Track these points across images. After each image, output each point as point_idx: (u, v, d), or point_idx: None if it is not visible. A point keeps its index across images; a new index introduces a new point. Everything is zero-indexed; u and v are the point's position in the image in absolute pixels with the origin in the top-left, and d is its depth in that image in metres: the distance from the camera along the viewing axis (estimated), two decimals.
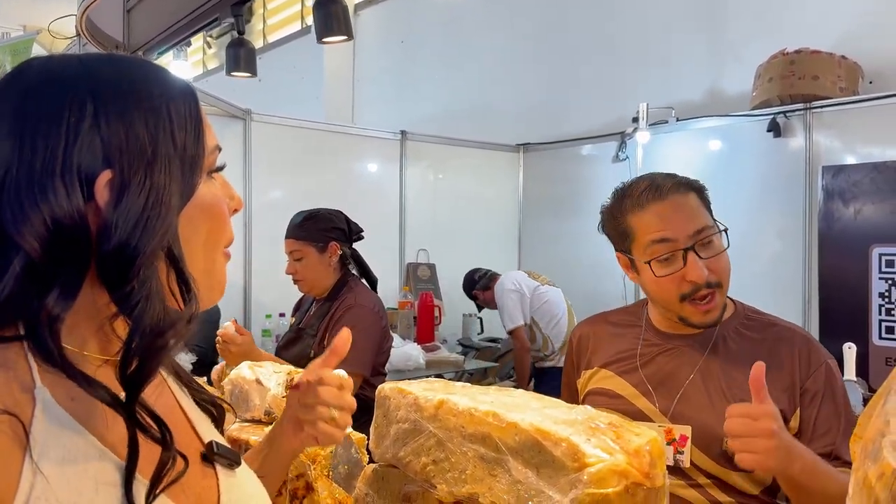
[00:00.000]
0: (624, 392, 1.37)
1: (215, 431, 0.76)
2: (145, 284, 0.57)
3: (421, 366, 3.69)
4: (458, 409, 0.87)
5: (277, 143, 4.05)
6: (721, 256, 1.28)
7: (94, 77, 0.61)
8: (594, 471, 0.71)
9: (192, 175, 0.64)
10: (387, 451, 0.98)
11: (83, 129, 0.58)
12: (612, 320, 1.51)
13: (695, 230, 1.27)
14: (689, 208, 1.30)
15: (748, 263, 3.48)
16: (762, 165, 3.64)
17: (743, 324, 1.36)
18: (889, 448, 0.48)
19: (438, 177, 4.94)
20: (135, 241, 0.57)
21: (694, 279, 1.26)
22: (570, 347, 1.55)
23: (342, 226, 2.46)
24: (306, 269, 2.38)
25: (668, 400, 1.32)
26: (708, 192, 1.37)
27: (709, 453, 1.26)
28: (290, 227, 2.44)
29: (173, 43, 1.85)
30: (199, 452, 0.69)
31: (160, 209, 0.59)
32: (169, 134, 0.62)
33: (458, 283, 4.66)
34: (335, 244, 2.40)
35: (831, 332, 3.23)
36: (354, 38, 6.78)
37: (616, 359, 1.42)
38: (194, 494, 0.65)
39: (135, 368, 0.57)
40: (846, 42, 3.51)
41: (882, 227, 3.14)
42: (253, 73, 2.99)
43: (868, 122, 3.28)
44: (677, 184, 1.33)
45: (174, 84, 0.66)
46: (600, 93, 4.75)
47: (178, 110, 0.64)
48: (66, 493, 0.53)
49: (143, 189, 0.58)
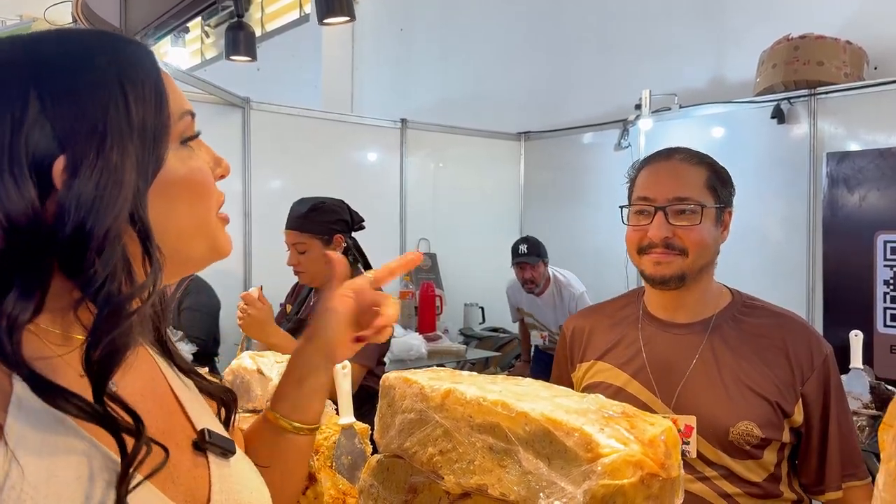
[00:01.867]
0: (624, 383, 1.35)
1: (214, 420, 0.73)
2: (107, 268, 0.54)
3: (423, 355, 3.68)
4: (465, 398, 0.84)
5: (276, 131, 4.02)
6: (694, 228, 1.28)
7: (35, 59, 0.57)
8: (608, 461, 0.68)
9: (156, 147, 0.60)
10: (392, 441, 0.95)
11: (28, 117, 0.54)
12: (607, 311, 1.49)
13: (675, 196, 1.29)
14: (681, 176, 1.31)
15: (752, 250, 3.46)
16: (766, 152, 3.61)
17: (741, 311, 1.35)
18: None
19: (439, 165, 4.91)
20: (89, 225, 0.54)
21: (651, 236, 1.29)
22: (563, 340, 1.52)
23: (346, 217, 2.41)
24: (310, 262, 2.32)
25: (671, 390, 1.30)
26: (726, 175, 1.36)
27: (714, 442, 1.24)
28: (292, 218, 2.36)
29: (171, 27, 1.82)
30: (190, 441, 0.67)
31: (115, 189, 0.56)
32: (122, 107, 0.58)
33: (459, 273, 4.64)
34: (340, 236, 2.35)
35: (835, 319, 3.21)
36: (354, 26, 6.76)
37: (613, 350, 1.40)
38: (184, 484, 0.63)
39: (102, 351, 0.54)
40: (851, 27, 3.48)
41: (887, 213, 3.11)
42: (253, 56, 2.94)
43: (873, 108, 3.25)
44: (687, 154, 1.35)
45: (128, 52, 0.61)
46: (602, 80, 4.71)
47: (131, 80, 0.59)
48: (44, 483, 0.51)
49: (95, 169, 0.55)
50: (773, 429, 1.23)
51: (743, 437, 1.22)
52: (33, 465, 0.51)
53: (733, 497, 1.23)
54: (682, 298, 1.35)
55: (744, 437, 1.22)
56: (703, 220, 1.29)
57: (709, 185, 1.31)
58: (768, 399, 1.24)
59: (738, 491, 1.23)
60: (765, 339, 1.29)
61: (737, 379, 1.26)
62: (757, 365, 1.27)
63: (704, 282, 1.35)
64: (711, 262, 1.34)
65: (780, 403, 1.24)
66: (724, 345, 1.30)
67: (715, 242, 1.32)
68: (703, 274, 1.33)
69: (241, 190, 3.84)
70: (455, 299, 4.69)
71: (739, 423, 1.22)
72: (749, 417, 1.22)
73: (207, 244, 0.67)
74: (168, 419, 0.65)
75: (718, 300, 1.36)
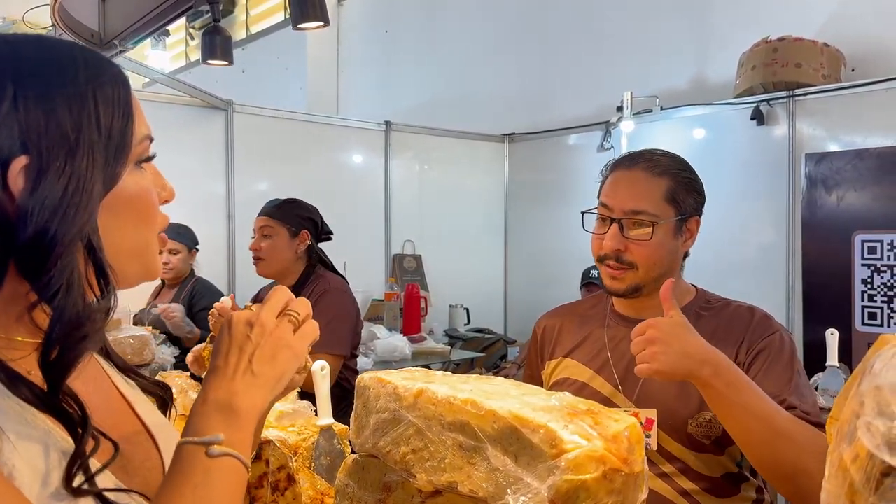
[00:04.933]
0: (588, 379, 1.38)
1: (158, 414, 0.75)
2: (64, 274, 0.56)
3: (407, 356, 3.68)
4: (437, 397, 0.86)
5: (260, 134, 4.02)
6: (646, 243, 1.30)
7: (17, 59, 0.59)
8: (572, 457, 0.70)
9: (116, 163, 0.62)
10: (367, 441, 0.97)
11: (0, 112, 0.56)
12: (577, 310, 1.53)
13: (631, 209, 1.31)
14: (641, 189, 1.32)
15: (732, 250, 3.50)
16: (746, 153, 3.65)
17: (702, 307, 1.37)
18: (863, 429, 0.48)
19: (424, 167, 4.92)
20: (53, 230, 0.55)
21: (604, 247, 1.33)
22: (534, 339, 1.55)
23: (316, 219, 2.48)
24: (271, 249, 2.37)
25: (632, 384, 1.32)
26: (693, 183, 1.36)
27: (674, 436, 1.27)
28: (266, 206, 2.45)
29: (150, 31, 1.82)
30: (139, 434, 0.69)
31: (81, 197, 0.57)
32: (94, 120, 0.60)
33: (444, 274, 4.65)
34: (306, 232, 2.42)
35: (815, 318, 3.25)
36: (339, 28, 6.77)
37: (580, 347, 1.43)
38: (139, 476, 0.65)
39: (56, 358, 0.55)
40: (828, 29, 3.52)
41: (864, 213, 3.15)
42: (229, 61, 2.95)
43: (850, 110, 3.29)
44: (651, 163, 1.35)
45: (103, 69, 0.64)
46: (585, 81, 4.74)
47: (105, 96, 0.62)
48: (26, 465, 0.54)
49: (63, 176, 0.57)
50: None
51: (702, 430, 1.24)
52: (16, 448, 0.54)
53: (691, 494, 1.25)
54: (645, 301, 1.37)
55: (703, 428, 1.24)
56: (657, 234, 1.30)
57: (668, 197, 1.32)
58: None
59: (696, 488, 1.25)
60: (721, 332, 1.31)
61: None
62: None
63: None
64: (671, 269, 1.36)
65: None
66: None
67: (671, 253, 1.34)
68: (664, 280, 1.33)
69: (225, 192, 3.84)
70: (440, 300, 4.70)
71: (698, 415, 1.25)
72: (707, 408, 1.23)
73: (142, 266, 0.68)
74: (116, 415, 0.67)
75: (683, 298, 1.38)
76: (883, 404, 0.46)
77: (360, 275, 4.29)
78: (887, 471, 0.45)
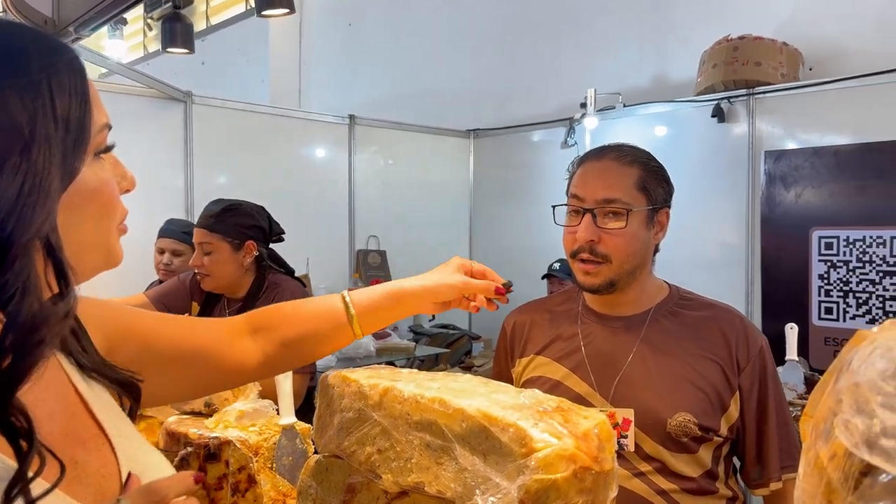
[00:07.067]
0: (562, 378, 1.35)
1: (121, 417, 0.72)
2: (21, 277, 0.52)
3: (371, 353, 3.65)
4: (403, 396, 0.84)
5: (220, 126, 3.94)
6: (618, 233, 1.29)
7: None
8: (542, 456, 0.69)
9: (75, 156, 0.58)
10: (330, 441, 0.94)
11: None
12: (548, 306, 1.49)
13: (604, 198, 1.29)
14: (611, 177, 1.31)
15: (694, 245, 3.54)
16: (707, 150, 3.70)
17: (678, 304, 1.37)
18: (841, 427, 0.47)
19: (388, 162, 4.89)
20: (8, 231, 0.51)
21: (578, 237, 1.30)
22: (503, 335, 1.51)
23: (263, 224, 2.27)
24: (214, 265, 2.18)
25: (608, 383, 1.31)
26: (661, 174, 1.36)
27: (652, 435, 1.25)
28: (203, 216, 2.22)
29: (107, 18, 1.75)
30: (96, 438, 0.66)
31: (38, 195, 0.53)
32: (50, 112, 0.56)
33: (409, 270, 4.61)
34: (252, 243, 2.20)
35: (773, 312, 3.31)
36: (301, 20, 6.67)
37: (553, 344, 1.40)
38: (93, 485, 0.62)
39: (8, 366, 0.51)
40: (787, 29, 3.58)
41: (821, 210, 3.22)
42: (191, 49, 2.87)
43: (808, 108, 3.36)
44: (620, 153, 1.35)
45: (58, 56, 0.60)
46: (549, 78, 4.76)
47: (61, 85, 0.58)
48: None
49: (19, 172, 0.53)
50: (710, 420, 1.25)
51: (681, 429, 1.23)
52: None
53: (669, 493, 1.24)
54: (619, 298, 1.36)
55: (681, 428, 1.23)
56: (631, 224, 1.29)
57: (640, 185, 1.31)
58: (705, 390, 1.26)
59: (674, 487, 1.24)
60: (701, 331, 1.31)
61: (674, 371, 1.28)
62: (693, 357, 1.28)
63: (641, 280, 1.36)
64: (643, 263, 1.34)
65: (716, 394, 1.26)
66: (662, 337, 1.32)
67: (644, 245, 1.33)
68: (637, 274, 1.34)
69: (183, 185, 3.76)
70: None
71: (677, 415, 1.24)
72: (686, 409, 1.23)
73: (102, 256, 0.66)
74: (72, 420, 0.64)
75: (656, 294, 1.38)
76: (861, 402, 0.45)
77: (324, 271, 4.24)
78: (866, 470, 0.44)
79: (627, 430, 1.25)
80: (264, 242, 2.28)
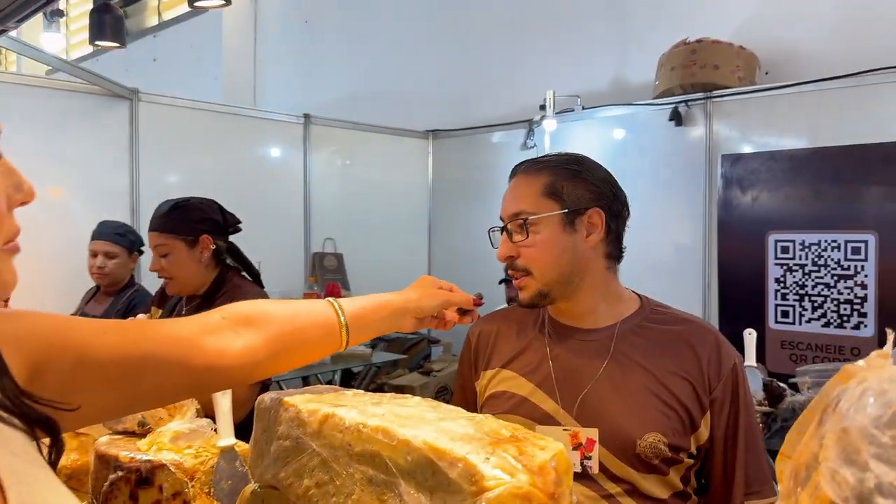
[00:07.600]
0: (527, 393, 1.29)
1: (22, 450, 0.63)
2: None
3: (326, 361, 3.55)
4: (344, 424, 0.76)
5: (170, 124, 3.80)
6: (530, 243, 1.26)
7: None
8: (493, 495, 0.62)
9: None
10: (266, 470, 0.86)
11: None
12: (513, 316, 1.42)
13: (512, 212, 1.29)
14: (521, 190, 1.31)
15: (650, 250, 3.53)
16: (665, 154, 3.70)
17: (648, 318, 1.30)
18: (827, 477, 0.41)
19: (346, 163, 4.79)
20: None
21: (498, 258, 1.31)
22: (468, 346, 1.44)
23: (216, 216, 2.19)
24: (174, 267, 2.11)
25: (573, 399, 1.24)
26: (582, 174, 1.28)
27: (619, 455, 1.19)
28: (154, 218, 2.15)
29: (36, 7, 1.64)
30: None
31: None
32: None
33: (366, 273, 4.53)
34: (206, 237, 2.13)
35: (730, 316, 3.32)
36: (256, 17, 6.52)
37: (519, 357, 1.34)
38: None
39: None
40: (744, 32, 3.60)
41: (777, 214, 3.24)
42: (121, 43, 2.72)
43: (764, 112, 3.38)
44: (532, 164, 1.33)
45: None
46: (509, 80, 4.72)
47: None
48: None
49: None
50: (681, 439, 1.19)
51: (651, 450, 1.17)
52: None
53: None
54: (575, 307, 1.31)
55: (651, 449, 1.17)
56: (543, 232, 1.25)
57: (548, 191, 1.26)
58: (675, 409, 1.20)
59: None
60: (672, 347, 1.25)
61: (644, 388, 1.21)
62: (664, 374, 1.22)
63: (588, 287, 1.29)
64: (579, 269, 1.27)
65: (687, 413, 1.20)
66: (632, 352, 1.25)
67: (569, 251, 1.26)
68: (575, 281, 1.27)
69: (129, 185, 3.61)
70: None
71: (647, 435, 1.17)
72: (656, 429, 1.18)
73: None
74: None
75: (625, 306, 1.32)
76: (851, 451, 0.40)
77: (278, 274, 4.11)
78: None
79: (591, 450, 1.19)
80: (221, 235, 2.20)
